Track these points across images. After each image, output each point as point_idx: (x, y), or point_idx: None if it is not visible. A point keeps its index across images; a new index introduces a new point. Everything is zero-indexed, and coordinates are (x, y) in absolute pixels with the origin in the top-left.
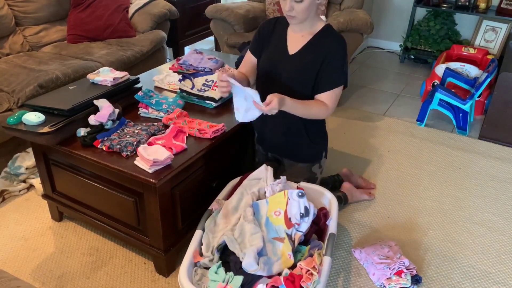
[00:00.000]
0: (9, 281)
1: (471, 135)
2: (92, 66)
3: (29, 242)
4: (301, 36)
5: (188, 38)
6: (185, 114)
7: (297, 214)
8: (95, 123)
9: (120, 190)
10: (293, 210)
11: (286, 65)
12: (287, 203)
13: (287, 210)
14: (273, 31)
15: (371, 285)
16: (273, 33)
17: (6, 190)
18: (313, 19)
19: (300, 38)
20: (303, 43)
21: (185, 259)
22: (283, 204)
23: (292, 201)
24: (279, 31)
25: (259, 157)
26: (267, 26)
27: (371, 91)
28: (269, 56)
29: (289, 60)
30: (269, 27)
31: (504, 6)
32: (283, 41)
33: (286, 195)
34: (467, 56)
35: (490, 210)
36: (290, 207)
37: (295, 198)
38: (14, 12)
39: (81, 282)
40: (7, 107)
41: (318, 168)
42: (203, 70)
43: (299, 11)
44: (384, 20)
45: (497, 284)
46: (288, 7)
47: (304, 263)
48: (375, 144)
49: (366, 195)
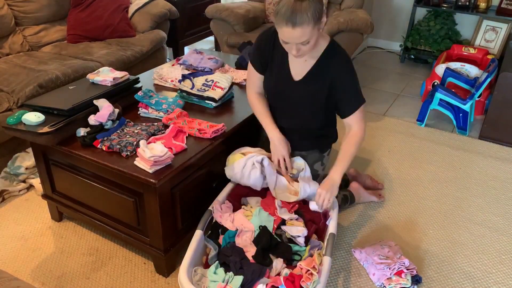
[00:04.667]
0: (9, 281)
1: (471, 135)
2: (92, 66)
3: (29, 242)
4: (305, 61)
5: (188, 38)
6: (185, 114)
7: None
8: (95, 123)
9: (120, 190)
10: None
11: (292, 92)
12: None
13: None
14: (274, 48)
15: (371, 285)
16: (274, 49)
17: (6, 190)
18: (316, 43)
19: (303, 63)
20: (307, 68)
21: (185, 259)
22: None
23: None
24: (281, 49)
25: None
26: (267, 41)
27: (371, 91)
28: (274, 81)
29: (294, 87)
30: (269, 42)
31: (504, 6)
32: (285, 65)
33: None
34: (467, 56)
35: (490, 210)
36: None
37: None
38: (14, 12)
39: (81, 282)
40: (7, 107)
41: (320, 166)
42: (203, 70)
43: (307, 50)
44: (384, 20)
45: (497, 284)
46: (295, 51)
47: (304, 263)
48: (375, 144)
49: (375, 197)
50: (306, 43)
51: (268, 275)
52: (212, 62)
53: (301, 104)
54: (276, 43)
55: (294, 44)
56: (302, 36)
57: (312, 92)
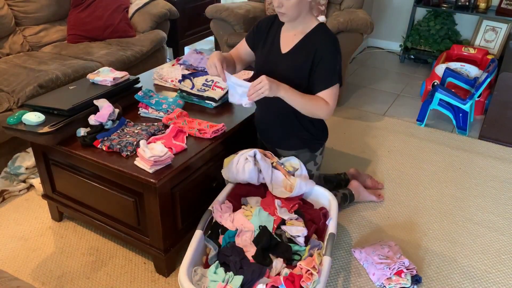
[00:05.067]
0: (9, 281)
1: (471, 135)
2: (92, 66)
3: (29, 242)
4: (294, 35)
5: (188, 38)
6: (185, 114)
7: None
8: (95, 123)
9: (120, 190)
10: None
11: (279, 64)
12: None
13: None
14: (270, 29)
15: (371, 285)
16: (270, 30)
17: (6, 190)
18: (305, 18)
19: (292, 37)
20: (295, 42)
21: (185, 259)
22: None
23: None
24: (275, 29)
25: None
26: (266, 22)
27: (371, 91)
28: (264, 54)
29: (282, 59)
30: (268, 23)
31: (504, 6)
32: (276, 40)
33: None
34: (467, 56)
35: (490, 210)
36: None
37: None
38: (14, 12)
39: (81, 282)
40: (7, 107)
41: (314, 165)
42: (203, 70)
43: (289, 7)
44: (384, 20)
45: (497, 284)
46: (277, 3)
47: (304, 263)
48: (375, 144)
49: (374, 196)
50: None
51: (268, 275)
52: None
53: (286, 77)
54: (274, 24)
55: None
56: None
57: (296, 65)
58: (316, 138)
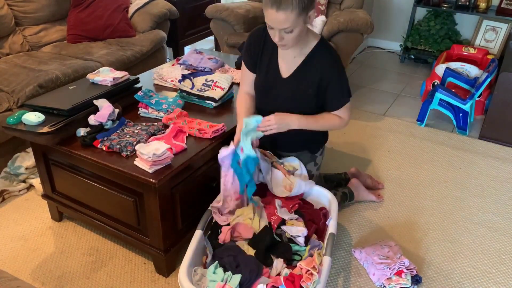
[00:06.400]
0: (9, 281)
1: (471, 135)
2: (92, 66)
3: (29, 242)
4: (293, 58)
5: (188, 38)
6: (185, 114)
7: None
8: (95, 123)
9: (120, 190)
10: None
11: (281, 89)
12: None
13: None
14: (265, 44)
15: (371, 285)
16: (265, 46)
17: (6, 190)
18: (304, 38)
19: (292, 60)
20: (295, 65)
21: (185, 259)
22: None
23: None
24: (270, 47)
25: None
26: (258, 37)
27: (371, 91)
28: (262, 77)
29: (283, 84)
30: (260, 38)
31: (504, 6)
32: (274, 61)
33: None
34: (467, 56)
35: (490, 210)
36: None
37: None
38: (14, 12)
39: (81, 282)
40: (7, 107)
41: (314, 166)
42: (203, 70)
43: (290, 40)
44: (384, 20)
45: (497, 284)
46: (278, 38)
47: (304, 263)
48: (375, 144)
49: (374, 196)
50: (289, 31)
51: (268, 275)
52: (212, 62)
53: (290, 102)
54: (267, 39)
55: (278, 30)
56: (285, 21)
57: (300, 90)
58: (316, 140)
